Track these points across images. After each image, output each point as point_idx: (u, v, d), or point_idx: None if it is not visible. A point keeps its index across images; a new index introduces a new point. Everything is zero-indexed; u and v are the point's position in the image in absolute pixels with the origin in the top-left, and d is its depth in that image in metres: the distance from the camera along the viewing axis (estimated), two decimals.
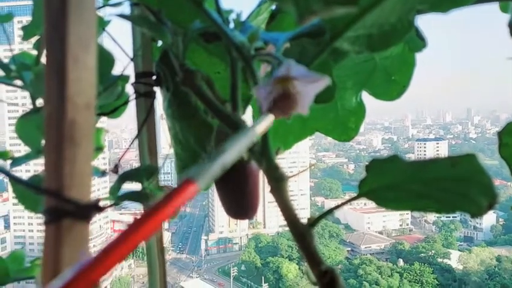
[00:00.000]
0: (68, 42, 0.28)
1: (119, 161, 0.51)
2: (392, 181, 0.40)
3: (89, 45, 0.29)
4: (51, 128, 0.28)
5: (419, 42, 0.58)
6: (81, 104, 0.29)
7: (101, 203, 0.41)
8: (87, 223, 0.29)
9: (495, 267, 41.97)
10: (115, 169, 0.48)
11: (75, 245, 0.28)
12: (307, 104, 0.35)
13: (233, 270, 49.74)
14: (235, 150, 0.29)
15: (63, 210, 0.28)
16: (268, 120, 0.35)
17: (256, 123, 0.34)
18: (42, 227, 0.29)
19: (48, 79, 0.28)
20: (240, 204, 0.49)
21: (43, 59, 0.38)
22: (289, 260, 44.07)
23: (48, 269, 0.28)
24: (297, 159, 62.76)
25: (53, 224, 0.28)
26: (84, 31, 0.29)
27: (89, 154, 0.30)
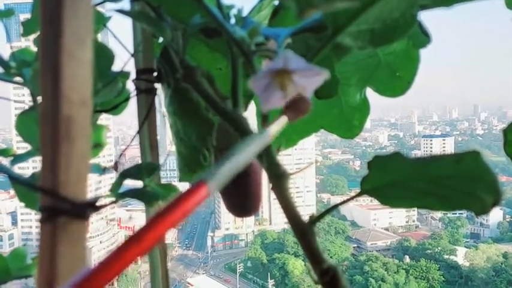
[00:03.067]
0: (63, 38, 0.27)
1: (119, 158, 0.51)
2: (395, 178, 0.39)
3: (84, 41, 0.29)
4: (46, 125, 0.28)
5: (423, 38, 0.57)
6: (77, 101, 0.28)
7: (103, 200, 0.41)
8: (84, 222, 0.29)
9: (502, 264, 41.82)
10: (115, 166, 0.48)
11: (71, 243, 0.28)
12: None
13: (239, 266, 49.83)
14: (248, 153, 0.29)
15: (59, 208, 0.27)
16: (282, 122, 0.34)
17: (270, 126, 0.33)
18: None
19: (43, 75, 0.28)
20: (242, 202, 0.48)
21: None
22: (295, 256, 44.08)
23: (44, 268, 0.27)
24: (303, 155, 62.72)
25: (48, 223, 0.28)
26: (80, 26, 0.28)
27: (86, 151, 0.29)
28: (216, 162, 0.26)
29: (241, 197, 0.48)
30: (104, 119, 0.60)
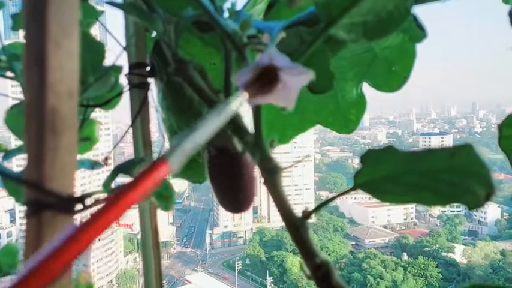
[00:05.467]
0: (48, 28, 0.27)
1: (111, 152, 0.50)
2: (389, 172, 0.38)
3: (71, 31, 0.28)
4: (31, 117, 0.27)
5: (419, 32, 0.56)
6: (63, 92, 0.28)
7: (96, 196, 0.40)
8: (70, 216, 0.28)
9: (499, 261, 41.94)
10: (105, 161, 0.47)
11: None
12: (293, 97, 0.34)
13: (238, 264, 49.87)
14: (208, 128, 0.28)
15: (44, 202, 0.27)
16: (242, 97, 0.33)
17: (230, 100, 0.32)
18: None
19: (28, 66, 0.27)
20: (234, 196, 0.48)
21: None
22: (293, 253, 44.06)
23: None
24: (302, 153, 62.71)
25: (33, 217, 0.27)
26: (66, 16, 0.28)
27: (72, 145, 0.29)
28: (177, 138, 0.25)
29: (233, 192, 0.47)
30: (102, 116, 0.60)
